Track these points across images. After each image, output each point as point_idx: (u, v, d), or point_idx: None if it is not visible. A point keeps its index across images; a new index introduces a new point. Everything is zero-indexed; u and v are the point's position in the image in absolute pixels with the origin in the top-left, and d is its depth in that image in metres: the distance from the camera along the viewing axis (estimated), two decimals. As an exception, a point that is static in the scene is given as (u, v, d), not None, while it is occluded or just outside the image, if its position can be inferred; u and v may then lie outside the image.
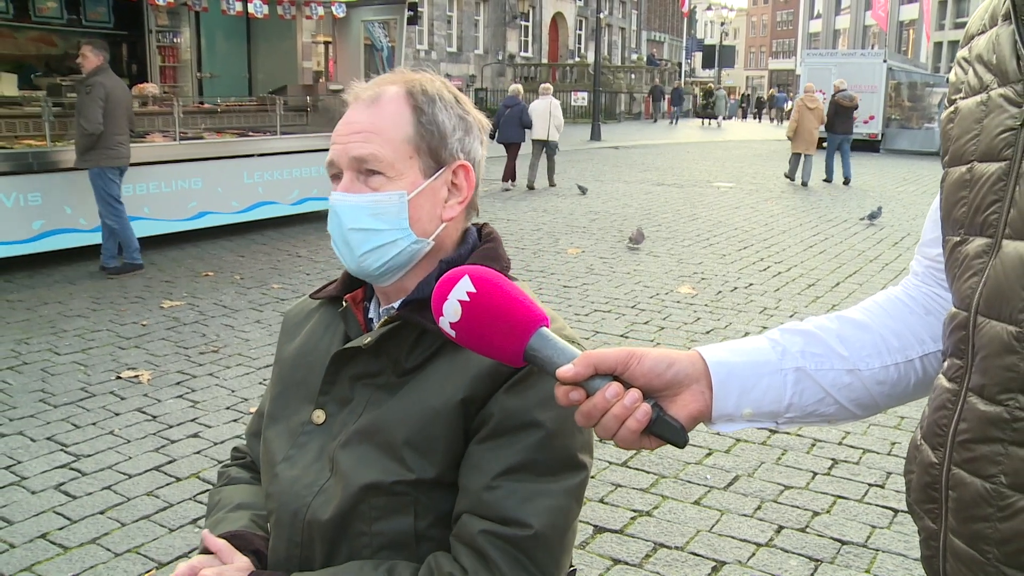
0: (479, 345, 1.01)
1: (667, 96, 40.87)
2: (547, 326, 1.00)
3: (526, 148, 14.87)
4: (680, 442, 0.99)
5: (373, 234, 1.27)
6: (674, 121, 38.90)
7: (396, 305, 1.33)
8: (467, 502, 1.22)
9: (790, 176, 16.35)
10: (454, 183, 1.33)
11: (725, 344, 1.07)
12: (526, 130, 14.52)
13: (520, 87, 15.48)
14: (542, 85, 15.86)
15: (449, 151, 1.31)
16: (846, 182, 16.30)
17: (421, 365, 1.28)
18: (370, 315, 1.40)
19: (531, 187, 14.47)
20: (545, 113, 14.53)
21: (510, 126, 14.32)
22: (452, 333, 1.01)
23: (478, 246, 1.36)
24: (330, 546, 1.27)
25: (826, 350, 1.07)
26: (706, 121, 41.70)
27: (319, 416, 1.34)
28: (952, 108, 1.02)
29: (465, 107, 1.35)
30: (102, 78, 7.31)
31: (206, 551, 1.34)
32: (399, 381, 1.29)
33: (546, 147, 14.75)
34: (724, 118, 42.17)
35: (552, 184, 14.90)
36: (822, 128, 16.01)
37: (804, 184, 15.92)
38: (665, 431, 0.98)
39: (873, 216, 11.42)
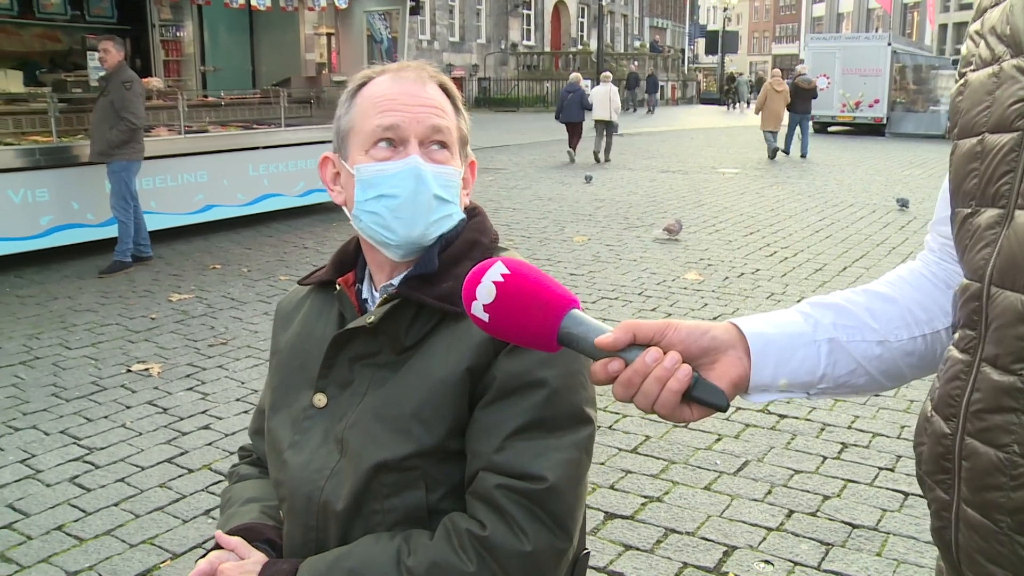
0: (512, 327, 1.00)
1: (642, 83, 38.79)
2: (579, 308, 1.01)
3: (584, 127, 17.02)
4: (722, 405, 0.98)
5: (445, 204, 1.32)
6: (651, 110, 37.04)
7: (395, 282, 1.34)
8: (481, 462, 1.24)
9: (771, 156, 17.94)
10: (465, 176, 1.40)
11: (758, 316, 1.08)
12: (586, 111, 16.52)
13: (580, 75, 17.72)
14: (603, 74, 18.57)
15: (468, 146, 1.41)
16: (804, 154, 18.21)
17: (420, 342, 1.30)
18: (363, 296, 1.41)
19: (597, 159, 16.70)
20: (605, 98, 16.57)
21: (572, 108, 16.50)
22: (485, 317, 1.00)
23: (465, 222, 1.39)
24: (345, 527, 1.29)
25: (857, 322, 1.08)
26: (731, 106, 41.75)
27: (320, 400, 1.35)
28: (962, 81, 1.02)
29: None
30: (133, 73, 7.53)
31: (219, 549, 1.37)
32: (399, 359, 1.30)
33: (607, 127, 16.81)
34: (747, 103, 41.97)
35: (608, 160, 16.79)
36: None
37: (786, 151, 18.08)
38: (707, 393, 0.97)
39: (903, 203, 11.36)
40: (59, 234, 7.91)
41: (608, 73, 18.32)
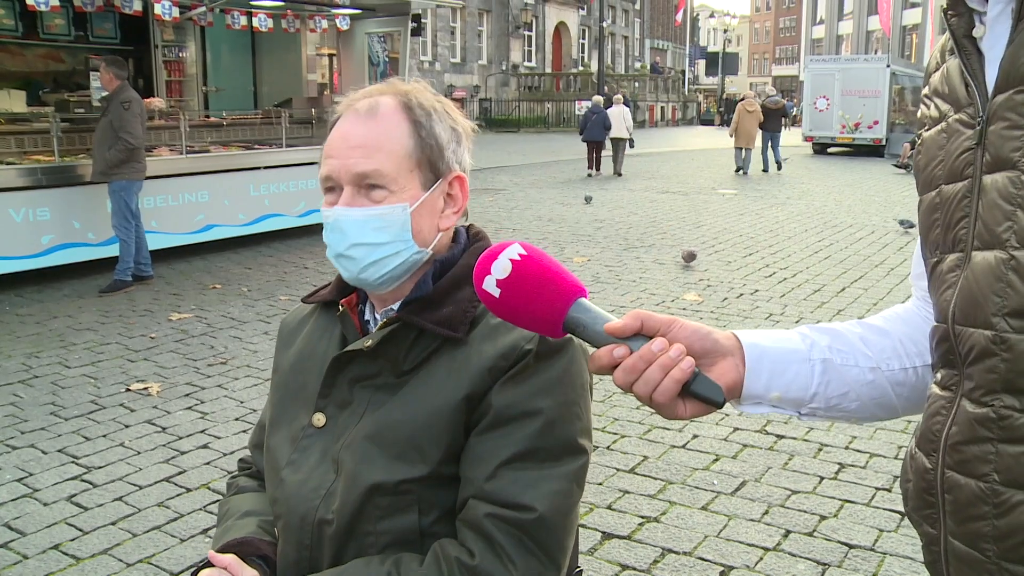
0: (521, 307, 1.01)
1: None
2: (586, 297, 1.03)
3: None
4: (719, 400, 1.00)
5: (376, 248, 1.30)
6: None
7: (395, 307, 1.35)
8: (472, 490, 1.25)
9: (741, 170, 19.38)
10: (450, 194, 1.36)
11: (758, 331, 1.11)
12: (606, 131, 18.44)
13: (601, 98, 19.81)
14: (615, 96, 20.77)
15: (446, 163, 1.35)
16: (779, 167, 20.06)
17: (419, 365, 1.31)
18: (366, 318, 1.42)
19: (618, 174, 18.51)
20: (619, 117, 18.64)
21: (595, 128, 18.30)
22: (496, 292, 1.00)
23: (469, 246, 1.40)
24: (338, 548, 1.29)
25: (851, 348, 1.12)
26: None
27: (319, 419, 1.36)
28: (920, 141, 1.09)
29: (454, 117, 1.38)
30: (133, 93, 7.58)
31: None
32: (398, 382, 1.31)
33: (621, 143, 18.72)
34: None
35: (620, 173, 18.54)
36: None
37: (745, 173, 19.27)
38: (705, 388, 1.00)
39: (906, 224, 11.38)
40: (60, 253, 7.93)
41: (620, 96, 20.36)
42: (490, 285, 1.01)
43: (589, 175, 18.46)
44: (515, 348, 1.26)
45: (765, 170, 19.79)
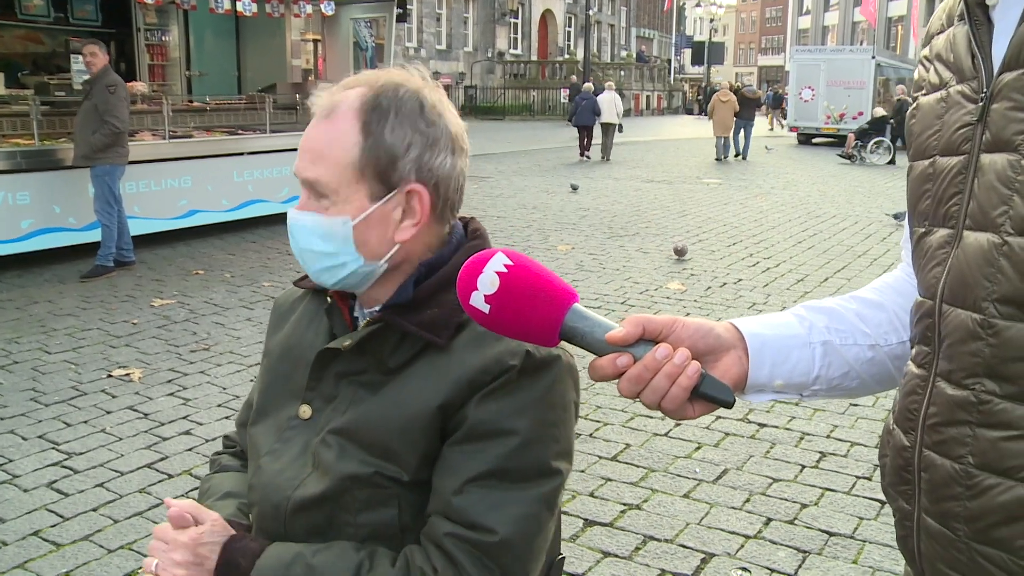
0: (514, 320, 0.97)
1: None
2: (578, 302, 0.99)
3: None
4: (729, 401, 0.98)
5: (323, 255, 1.27)
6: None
7: (378, 308, 1.33)
8: (437, 503, 1.23)
9: (719, 158, 20.04)
10: (409, 204, 1.26)
11: (754, 317, 1.10)
12: (596, 116, 19.11)
13: (591, 85, 20.98)
14: (607, 83, 21.84)
15: (399, 174, 1.25)
16: (744, 157, 20.55)
17: (405, 365, 1.28)
18: (355, 313, 1.39)
19: (605, 158, 19.30)
20: (611, 103, 19.23)
21: (584, 114, 19.06)
22: (485, 308, 0.97)
23: (464, 243, 1.34)
24: (315, 537, 1.28)
25: (849, 327, 1.11)
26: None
27: (305, 411, 1.35)
28: (915, 104, 1.06)
29: (431, 115, 1.27)
30: (117, 77, 7.51)
31: None
32: (382, 379, 1.29)
33: (611, 129, 19.41)
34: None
35: (608, 159, 19.29)
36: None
37: (723, 159, 19.99)
38: (714, 390, 0.97)
39: (901, 218, 11.43)
40: (40, 238, 7.87)
41: (611, 83, 21.48)
42: (478, 301, 0.97)
43: (586, 158, 19.37)
44: (499, 363, 1.21)
45: (737, 155, 20.64)
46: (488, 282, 0.96)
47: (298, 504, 1.28)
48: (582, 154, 19.59)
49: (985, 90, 0.91)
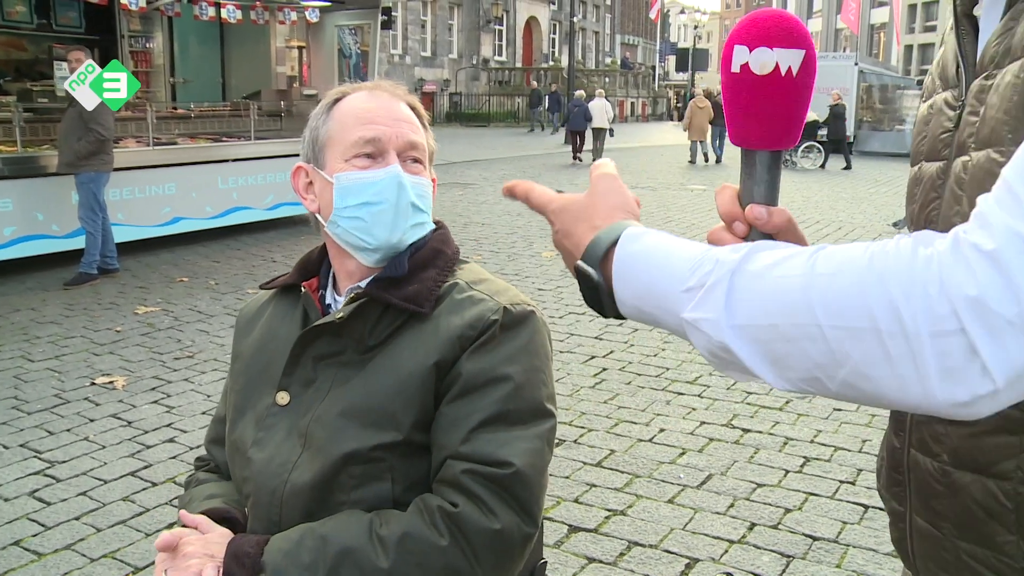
0: (746, 102, 0.87)
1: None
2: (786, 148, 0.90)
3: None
4: None
5: (420, 212, 1.40)
6: (555, 130, 31.81)
7: (362, 284, 1.39)
8: (447, 452, 1.28)
9: (692, 160, 21.07)
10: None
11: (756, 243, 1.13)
12: (587, 121, 20.58)
13: (583, 92, 22.85)
14: (597, 90, 22.77)
15: (432, 164, 1.47)
16: (719, 160, 21.37)
17: (384, 341, 1.34)
18: (327, 302, 1.46)
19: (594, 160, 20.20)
20: (601, 110, 20.58)
21: (577, 119, 20.70)
22: (736, 68, 0.85)
23: (435, 231, 1.47)
24: (309, 519, 1.30)
25: None
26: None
27: (283, 398, 1.38)
28: (918, 112, 1.10)
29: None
30: None
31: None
32: (362, 358, 1.34)
33: (601, 133, 20.66)
34: None
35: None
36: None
37: (693, 162, 21.00)
38: None
39: (901, 225, 11.48)
40: (23, 245, 7.82)
41: (601, 91, 22.62)
42: (739, 57, 0.85)
43: (578, 160, 20.57)
44: (481, 318, 1.32)
45: (718, 160, 21.53)
46: (769, 61, 0.83)
47: (295, 488, 1.31)
48: (575, 157, 20.58)
49: (963, 97, 0.94)
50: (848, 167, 20.47)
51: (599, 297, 0.84)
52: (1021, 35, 0.85)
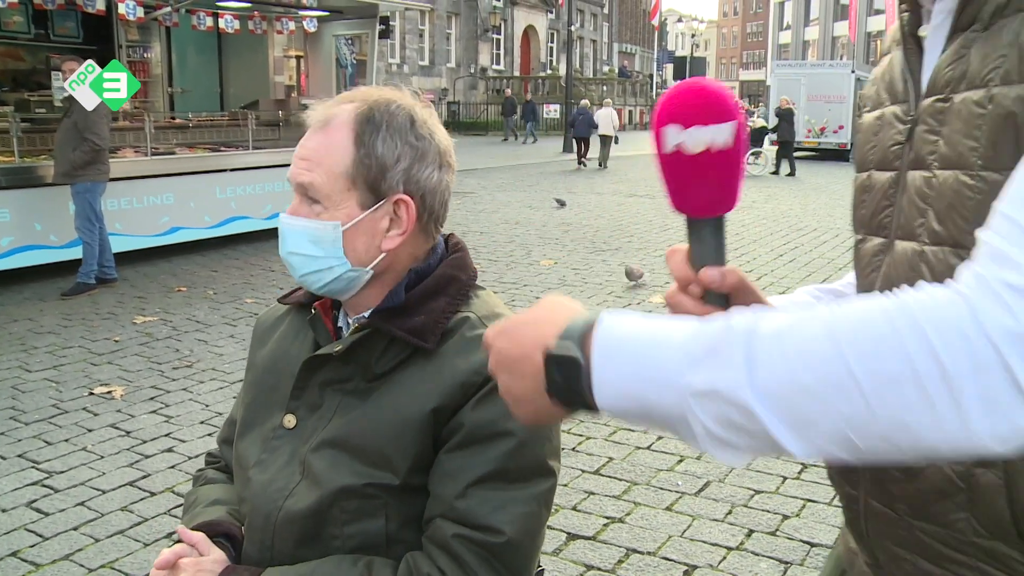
0: (683, 179, 0.89)
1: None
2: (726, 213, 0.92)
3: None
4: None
5: (311, 259, 1.31)
6: (529, 139, 31.49)
7: (366, 314, 1.36)
8: (438, 508, 1.25)
9: None
10: (396, 214, 1.31)
11: (780, 297, 1.17)
12: (592, 129, 21.85)
13: (588, 101, 24.64)
14: (604, 100, 25.01)
15: (388, 184, 1.30)
16: None
17: (391, 371, 1.31)
18: (339, 323, 1.42)
19: (603, 166, 21.63)
20: (607, 118, 21.87)
21: (582, 126, 21.99)
22: (668, 149, 0.87)
23: (446, 256, 1.39)
24: (301, 549, 1.30)
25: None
26: None
27: (290, 421, 1.37)
28: (861, 120, 1.15)
29: (421, 130, 1.32)
30: None
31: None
32: (369, 387, 1.31)
33: (607, 141, 21.87)
34: None
35: (605, 167, 21.52)
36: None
37: None
38: None
39: None
40: (20, 255, 7.81)
41: (609, 100, 24.61)
42: (671, 137, 0.86)
43: (583, 165, 21.59)
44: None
45: None
46: (720, 135, 0.85)
47: (288, 516, 1.30)
48: (579, 162, 21.69)
49: (912, 113, 1.00)
50: (792, 173, 20.54)
51: (577, 384, 0.79)
52: (978, 64, 0.90)
